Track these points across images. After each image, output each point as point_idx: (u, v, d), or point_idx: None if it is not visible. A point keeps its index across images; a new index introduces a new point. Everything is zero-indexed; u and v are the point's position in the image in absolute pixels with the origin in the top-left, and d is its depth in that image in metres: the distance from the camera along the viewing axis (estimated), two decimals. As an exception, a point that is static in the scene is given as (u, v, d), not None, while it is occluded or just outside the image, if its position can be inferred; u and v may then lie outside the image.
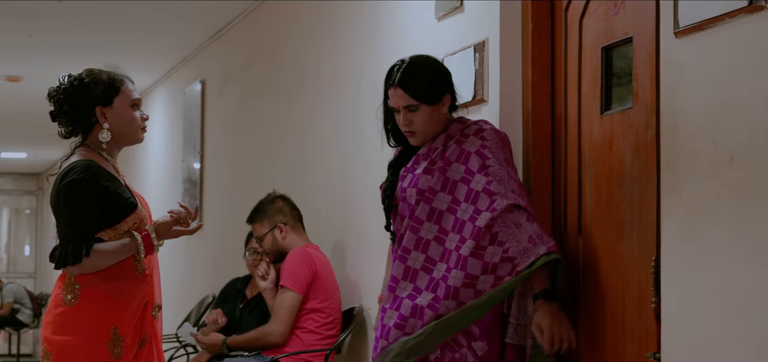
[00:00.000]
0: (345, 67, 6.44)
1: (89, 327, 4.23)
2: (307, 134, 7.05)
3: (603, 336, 4.25)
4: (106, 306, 4.26)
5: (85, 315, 4.23)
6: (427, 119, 4.39)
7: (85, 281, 4.24)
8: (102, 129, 4.36)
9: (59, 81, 4.37)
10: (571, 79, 4.50)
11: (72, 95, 4.33)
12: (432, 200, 4.35)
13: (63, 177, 4.25)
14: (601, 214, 4.28)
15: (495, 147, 4.34)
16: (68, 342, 4.23)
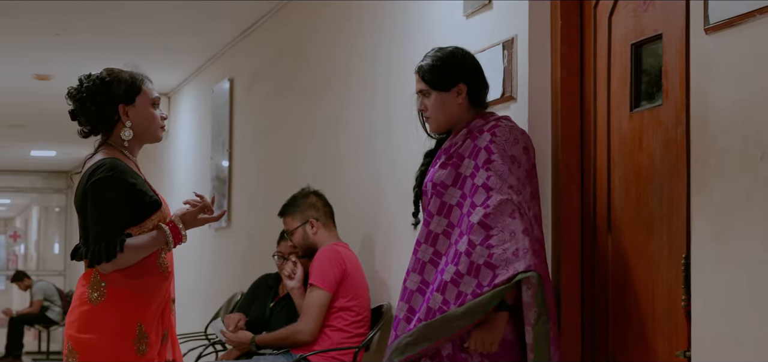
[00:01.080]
0: (373, 65, 6.44)
1: (116, 325, 4.24)
2: (336, 132, 7.05)
3: (633, 334, 4.24)
4: (132, 303, 4.27)
5: (111, 312, 4.24)
6: (438, 106, 4.46)
7: (111, 279, 4.25)
8: (124, 128, 4.38)
9: (80, 80, 4.40)
10: (600, 77, 4.49)
11: (95, 94, 4.36)
12: (443, 194, 4.39)
13: (90, 175, 4.28)
14: (631, 212, 4.27)
15: (503, 143, 4.32)
16: (94, 340, 4.23)
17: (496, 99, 4.79)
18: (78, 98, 4.38)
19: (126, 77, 4.39)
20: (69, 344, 4.27)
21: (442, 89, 4.46)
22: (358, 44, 6.70)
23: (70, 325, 4.28)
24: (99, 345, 4.23)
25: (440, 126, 4.51)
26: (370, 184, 6.39)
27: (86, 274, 4.30)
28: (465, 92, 4.46)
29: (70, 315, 4.30)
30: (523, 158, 4.35)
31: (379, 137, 6.28)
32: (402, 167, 5.59)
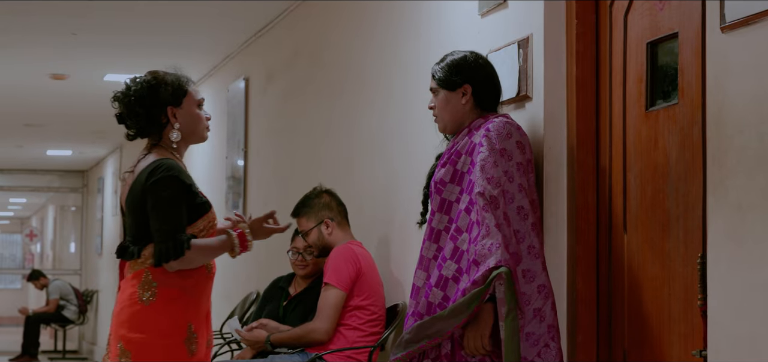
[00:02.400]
0: (388, 64, 6.44)
1: (168, 325, 4.29)
2: (351, 132, 7.05)
3: (649, 333, 4.23)
4: (182, 303, 4.32)
5: (163, 312, 4.28)
6: (443, 104, 4.60)
7: (162, 279, 4.28)
8: (173, 129, 4.43)
9: (127, 84, 4.44)
10: (616, 76, 4.48)
11: (143, 97, 4.40)
12: (442, 192, 4.49)
13: (150, 175, 4.31)
14: (647, 211, 4.26)
15: (495, 136, 4.38)
16: (148, 339, 4.27)
17: (512, 98, 4.79)
18: (126, 101, 4.43)
19: (172, 80, 4.44)
20: (120, 344, 4.29)
21: (448, 88, 4.59)
22: (374, 44, 6.70)
23: (120, 325, 4.30)
24: (152, 345, 4.27)
25: (445, 125, 4.63)
26: (384, 183, 6.39)
27: (136, 274, 4.32)
28: (470, 92, 4.57)
29: (120, 315, 4.32)
30: (516, 152, 4.39)
31: (393, 136, 6.28)
32: (416, 167, 5.59)
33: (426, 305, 4.40)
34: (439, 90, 4.62)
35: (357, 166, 6.90)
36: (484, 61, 4.66)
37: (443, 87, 4.60)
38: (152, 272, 4.28)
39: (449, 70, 4.59)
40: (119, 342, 4.29)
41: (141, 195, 4.31)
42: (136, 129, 4.45)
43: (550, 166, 4.60)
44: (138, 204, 4.33)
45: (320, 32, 7.82)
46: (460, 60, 4.61)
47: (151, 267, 4.29)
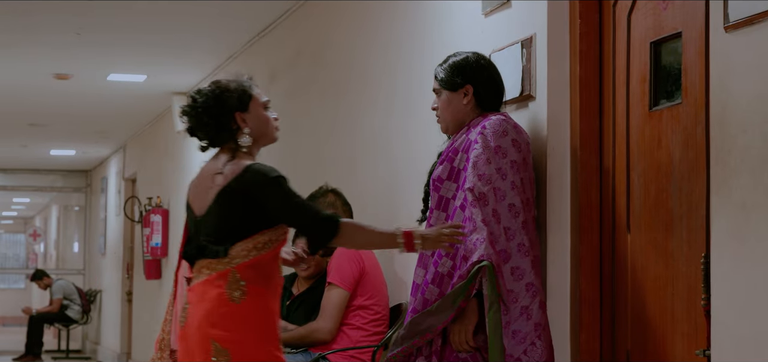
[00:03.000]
0: (391, 64, 6.44)
1: (261, 323, 4.31)
2: (354, 132, 7.05)
3: (652, 333, 4.23)
4: (267, 301, 4.35)
5: (256, 310, 4.30)
6: (445, 104, 4.65)
7: (250, 277, 4.29)
8: (243, 134, 4.45)
9: (193, 97, 4.48)
10: (620, 75, 4.48)
11: (209, 108, 4.43)
12: (440, 189, 4.54)
13: (265, 176, 4.33)
14: (650, 210, 4.26)
15: (490, 134, 4.41)
16: (246, 337, 4.28)
17: (515, 97, 4.79)
18: (194, 114, 4.46)
19: (236, 86, 4.48)
20: (216, 344, 4.27)
21: (450, 89, 4.64)
22: (377, 43, 6.71)
23: (212, 326, 4.29)
24: (251, 343, 4.29)
25: (448, 125, 4.68)
26: (388, 182, 6.39)
27: (220, 274, 4.31)
28: (471, 93, 4.60)
29: (209, 316, 4.30)
30: (511, 150, 4.42)
31: (397, 135, 6.28)
32: (419, 166, 5.59)
33: (422, 301, 4.45)
34: (441, 91, 4.66)
35: (360, 165, 6.90)
36: (486, 61, 4.68)
37: (445, 88, 4.64)
38: (240, 271, 4.29)
39: (451, 71, 4.63)
40: (212, 342, 4.27)
41: (240, 199, 4.32)
42: (208, 139, 4.47)
43: (554, 165, 4.60)
44: (231, 208, 4.33)
45: (323, 32, 7.82)
46: (461, 61, 4.64)
47: (238, 266, 4.29)
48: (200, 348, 4.32)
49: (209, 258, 4.35)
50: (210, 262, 4.35)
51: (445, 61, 4.68)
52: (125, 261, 16.98)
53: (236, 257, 4.30)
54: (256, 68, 9.60)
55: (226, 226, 4.33)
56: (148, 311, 14.91)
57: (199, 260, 4.40)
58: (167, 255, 13.51)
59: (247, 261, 4.29)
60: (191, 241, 4.47)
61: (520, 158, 4.43)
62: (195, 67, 11.16)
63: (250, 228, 4.32)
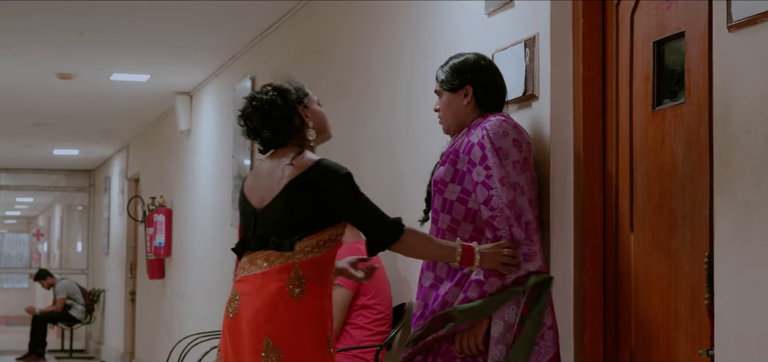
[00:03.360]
0: (394, 63, 6.44)
1: (316, 324, 4.30)
2: (356, 131, 7.05)
3: (655, 333, 4.22)
4: (324, 302, 4.35)
5: (313, 309, 4.29)
6: (446, 106, 4.67)
7: (311, 275, 4.30)
8: (308, 129, 4.48)
9: (254, 98, 4.48)
10: (623, 75, 4.48)
11: (276, 105, 4.45)
12: (443, 191, 4.53)
13: (335, 171, 4.37)
14: (653, 210, 4.26)
15: (492, 136, 4.42)
16: (298, 335, 4.27)
17: (518, 97, 4.79)
18: (260, 113, 4.46)
19: (292, 84, 4.53)
20: (268, 340, 4.25)
21: (450, 90, 4.65)
22: (380, 42, 6.71)
23: (267, 320, 4.27)
24: (304, 341, 4.28)
25: (449, 126, 4.69)
26: (390, 182, 6.39)
27: (283, 268, 4.30)
28: (471, 93, 4.61)
29: (265, 309, 4.29)
30: (513, 151, 4.41)
31: (399, 135, 6.28)
32: (422, 166, 5.59)
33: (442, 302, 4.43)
34: (442, 92, 4.68)
35: (363, 164, 6.90)
36: (487, 62, 4.68)
37: (446, 89, 4.66)
38: (302, 267, 4.29)
39: (451, 73, 4.65)
40: (265, 337, 4.25)
41: (311, 192, 4.33)
42: (273, 138, 4.47)
43: (557, 165, 4.60)
44: (300, 199, 4.34)
45: (326, 31, 7.82)
46: (461, 62, 4.65)
47: (301, 262, 4.29)
48: (251, 340, 4.29)
49: (270, 250, 4.34)
50: (269, 254, 4.33)
51: (445, 63, 4.70)
52: (128, 261, 16.99)
53: (300, 252, 4.30)
54: (260, 68, 9.61)
55: (293, 220, 4.33)
56: (151, 310, 14.92)
57: (253, 252, 4.39)
58: (170, 255, 13.51)
59: (310, 259, 4.30)
60: (246, 233, 4.46)
61: (522, 158, 4.43)
62: (198, 66, 11.16)
63: (316, 224, 4.33)
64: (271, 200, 4.37)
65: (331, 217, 4.34)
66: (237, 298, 4.37)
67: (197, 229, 12.00)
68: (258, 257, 4.34)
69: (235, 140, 10.18)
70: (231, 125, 10.42)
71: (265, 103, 4.45)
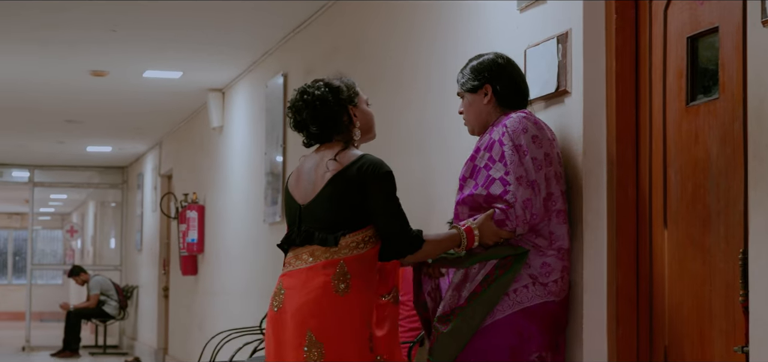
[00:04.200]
0: (427, 59, 6.44)
1: (358, 321, 4.34)
2: (389, 127, 7.05)
3: (689, 329, 4.21)
4: (368, 297, 4.39)
5: (357, 305, 4.33)
6: (468, 107, 4.78)
7: (356, 270, 4.34)
8: (355, 128, 4.56)
9: (305, 91, 4.55)
10: (656, 70, 4.46)
11: (327, 100, 4.51)
12: (463, 187, 4.62)
13: (376, 170, 4.42)
14: (687, 206, 4.24)
15: (513, 133, 4.48)
16: (341, 331, 4.30)
17: (551, 93, 4.78)
18: (311, 107, 4.52)
19: (346, 82, 4.59)
20: (311, 335, 4.29)
21: (471, 91, 4.76)
22: (412, 39, 6.70)
23: (311, 315, 4.31)
24: (347, 337, 4.32)
25: (473, 127, 4.79)
26: (422, 178, 6.39)
27: (329, 263, 4.35)
28: (491, 92, 4.70)
29: (310, 304, 4.33)
30: (532, 147, 4.47)
31: (431, 132, 6.28)
32: (453, 163, 5.58)
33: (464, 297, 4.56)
34: (463, 94, 4.79)
35: (395, 161, 6.88)
36: (504, 60, 4.74)
37: (466, 91, 4.77)
38: (347, 262, 4.33)
39: (470, 74, 4.75)
40: (308, 331, 4.29)
41: (355, 186, 4.38)
42: (320, 133, 4.53)
43: (590, 161, 4.58)
44: (344, 194, 4.39)
45: (358, 28, 7.82)
46: (479, 63, 4.76)
47: (346, 258, 4.33)
48: (295, 334, 4.33)
49: (315, 246, 4.38)
50: (315, 250, 4.38)
51: (465, 66, 4.80)
52: (161, 257, 17.05)
53: (345, 247, 4.35)
54: (292, 64, 9.62)
55: (337, 215, 4.38)
56: (184, 307, 14.97)
57: (298, 248, 4.43)
58: (203, 251, 13.56)
59: (356, 254, 4.35)
60: (291, 229, 4.50)
61: (542, 154, 4.46)
62: (230, 63, 11.19)
63: (361, 220, 4.38)
64: (315, 195, 4.42)
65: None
66: (282, 292, 4.40)
67: (230, 225, 12.03)
68: (303, 253, 4.39)
69: (268, 137, 10.20)
70: (263, 122, 10.44)
71: (316, 98, 4.51)
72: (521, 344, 4.45)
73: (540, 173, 4.43)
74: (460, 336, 4.49)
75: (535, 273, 4.46)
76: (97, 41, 10.18)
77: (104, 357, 18.91)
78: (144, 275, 18.97)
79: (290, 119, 4.58)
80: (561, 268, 4.49)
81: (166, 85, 12.35)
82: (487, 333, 4.48)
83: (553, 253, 4.48)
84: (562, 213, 4.49)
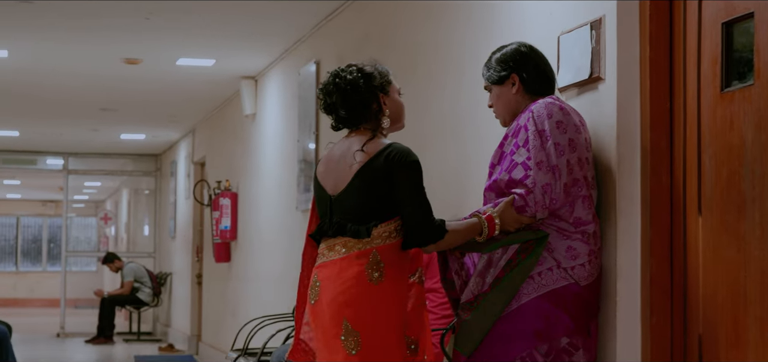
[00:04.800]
0: (459, 46, 6.42)
1: (393, 309, 4.38)
2: (422, 115, 7.05)
3: (723, 316, 4.19)
4: (401, 287, 4.43)
5: (391, 294, 4.37)
6: (497, 98, 4.83)
7: (389, 259, 4.37)
8: (384, 117, 4.56)
9: (337, 75, 4.58)
10: (690, 56, 4.44)
11: (358, 86, 4.52)
12: (491, 174, 4.67)
13: (403, 158, 4.41)
14: (722, 193, 4.22)
15: (538, 118, 4.52)
16: (376, 319, 4.34)
17: (584, 80, 4.77)
18: (341, 91, 4.54)
19: (380, 70, 4.60)
20: (347, 324, 4.33)
21: (498, 83, 4.80)
22: (445, 26, 6.69)
23: (347, 304, 4.34)
24: (382, 329, 4.34)
25: (503, 118, 4.83)
26: (456, 166, 6.39)
27: (362, 253, 4.38)
28: (518, 81, 4.74)
29: (345, 293, 4.36)
30: (555, 132, 4.48)
31: (466, 120, 6.27)
32: (488, 151, 5.57)
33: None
34: (490, 87, 4.84)
35: (430, 149, 6.90)
36: (528, 48, 4.77)
37: (493, 83, 4.81)
38: (380, 251, 4.36)
39: (495, 66, 4.79)
40: (344, 320, 4.32)
41: (383, 176, 4.39)
42: (348, 118, 4.56)
43: (623, 148, 4.57)
44: (373, 185, 4.41)
45: (391, 15, 7.82)
46: (502, 54, 4.80)
47: (379, 247, 4.37)
48: (331, 324, 4.36)
49: (347, 237, 4.40)
50: (347, 241, 4.40)
51: (489, 60, 4.84)
52: (195, 244, 17.11)
53: (377, 238, 4.37)
54: (325, 52, 9.63)
55: (367, 205, 4.40)
56: (217, 293, 15.03)
57: (331, 239, 4.46)
58: (236, 238, 13.60)
59: (388, 244, 4.38)
60: (323, 220, 4.53)
61: (565, 140, 4.47)
62: (263, 51, 11.20)
63: (391, 209, 4.40)
64: (345, 186, 4.44)
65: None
66: (317, 284, 4.44)
67: (263, 213, 12.06)
68: (336, 244, 4.43)
69: (300, 124, 10.22)
70: (296, 109, 10.45)
71: (348, 83, 4.52)
72: (548, 328, 4.44)
73: (562, 158, 4.45)
74: (483, 321, 4.51)
75: (559, 257, 4.48)
76: (130, 29, 10.21)
77: (138, 343, 19.01)
78: (177, 262, 19.05)
79: (321, 101, 4.60)
80: (588, 252, 4.49)
81: (200, 72, 12.38)
82: (512, 317, 4.48)
83: (578, 236, 4.48)
84: (587, 199, 4.49)
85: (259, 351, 8.13)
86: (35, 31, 10.37)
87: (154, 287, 19.64)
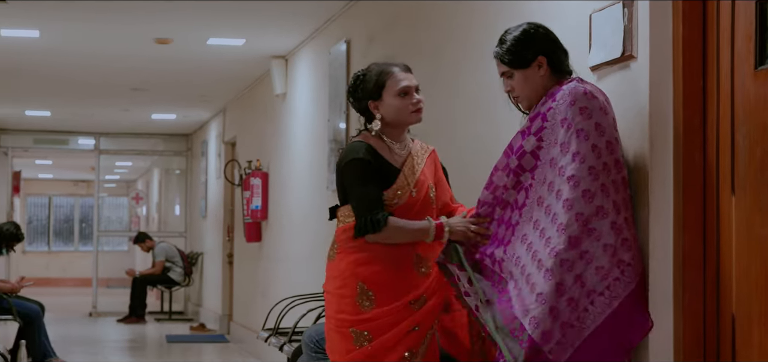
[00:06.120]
0: (490, 25, 6.40)
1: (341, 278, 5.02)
2: (453, 94, 7.03)
3: (757, 295, 4.17)
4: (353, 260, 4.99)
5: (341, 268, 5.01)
6: (523, 83, 4.71)
7: (339, 240, 5.01)
8: (375, 119, 5.00)
9: (354, 78, 5.09)
10: (724, 34, 4.41)
11: (355, 92, 5.06)
12: (510, 155, 4.74)
13: (341, 160, 4.97)
14: (755, 171, 4.19)
15: (559, 108, 4.50)
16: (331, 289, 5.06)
17: (616, 58, 4.74)
18: (349, 94, 5.12)
19: (374, 74, 5.00)
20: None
21: (523, 67, 4.70)
22: (476, 4, 6.67)
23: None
24: (336, 295, 4.97)
25: (530, 102, 4.75)
26: (487, 145, 6.37)
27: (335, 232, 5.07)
28: (545, 63, 4.67)
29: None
30: (577, 119, 4.43)
31: (496, 99, 6.24)
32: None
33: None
34: (512, 72, 4.73)
35: (459, 128, 6.89)
36: (544, 28, 4.73)
37: (516, 67, 4.71)
38: (336, 233, 5.02)
39: (519, 48, 4.68)
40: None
41: (339, 174, 4.99)
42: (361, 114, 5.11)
43: (656, 126, 4.54)
44: (338, 181, 5.02)
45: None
46: (524, 35, 4.69)
47: (337, 229, 5.01)
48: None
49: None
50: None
51: (503, 42, 4.73)
52: (226, 224, 17.17)
53: (340, 221, 5.03)
54: (355, 31, 9.62)
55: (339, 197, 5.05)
56: (248, 273, 15.07)
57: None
58: (267, 218, 13.63)
59: (340, 227, 5.00)
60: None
61: (591, 125, 4.41)
62: (293, 30, 11.21)
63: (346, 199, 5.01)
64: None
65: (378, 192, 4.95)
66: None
67: (293, 192, 12.08)
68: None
69: (331, 104, 10.22)
70: (326, 89, 10.45)
71: (351, 85, 5.08)
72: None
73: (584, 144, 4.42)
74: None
75: (592, 288, 4.37)
76: (161, 9, 10.23)
77: (169, 323, 19.11)
78: (208, 242, 19.12)
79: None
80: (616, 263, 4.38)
81: (230, 52, 12.40)
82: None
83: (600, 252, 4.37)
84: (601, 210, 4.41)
85: (290, 330, 8.15)
86: (66, 12, 10.41)
87: (186, 266, 19.72)
